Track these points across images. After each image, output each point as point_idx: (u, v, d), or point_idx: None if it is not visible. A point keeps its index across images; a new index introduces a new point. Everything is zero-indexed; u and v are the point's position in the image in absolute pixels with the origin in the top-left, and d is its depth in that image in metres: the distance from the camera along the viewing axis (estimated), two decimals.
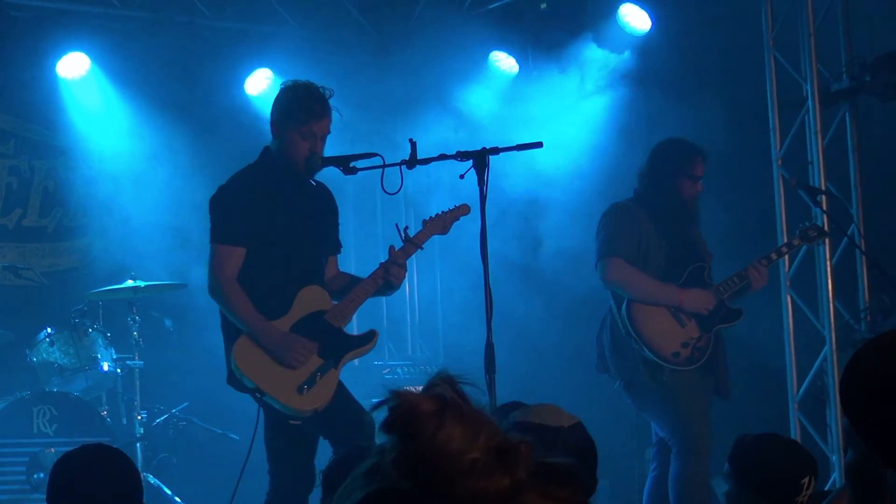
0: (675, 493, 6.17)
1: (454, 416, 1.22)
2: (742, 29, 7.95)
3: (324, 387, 5.41)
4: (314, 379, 5.39)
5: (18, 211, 8.90)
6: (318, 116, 5.40)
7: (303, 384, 5.36)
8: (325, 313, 5.50)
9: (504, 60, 9.15)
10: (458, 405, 1.24)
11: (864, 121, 7.66)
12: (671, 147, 6.45)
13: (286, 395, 5.34)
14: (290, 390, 5.35)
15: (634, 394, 6.29)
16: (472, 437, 1.22)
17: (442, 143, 6.75)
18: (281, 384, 5.34)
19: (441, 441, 1.21)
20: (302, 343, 5.38)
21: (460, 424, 1.22)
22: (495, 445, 1.22)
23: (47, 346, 7.51)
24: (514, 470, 1.22)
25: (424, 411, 1.22)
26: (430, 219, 5.78)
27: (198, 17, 8.85)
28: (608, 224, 6.38)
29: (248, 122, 8.43)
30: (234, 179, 5.52)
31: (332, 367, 5.46)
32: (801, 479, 3.65)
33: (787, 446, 3.87)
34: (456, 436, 1.21)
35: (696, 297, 6.31)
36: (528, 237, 8.68)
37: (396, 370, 8.84)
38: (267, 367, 5.34)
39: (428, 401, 1.24)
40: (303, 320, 5.45)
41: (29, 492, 7.07)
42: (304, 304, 5.49)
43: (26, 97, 8.79)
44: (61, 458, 3.50)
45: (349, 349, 5.56)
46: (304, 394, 5.36)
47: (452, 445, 1.21)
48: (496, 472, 1.21)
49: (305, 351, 5.38)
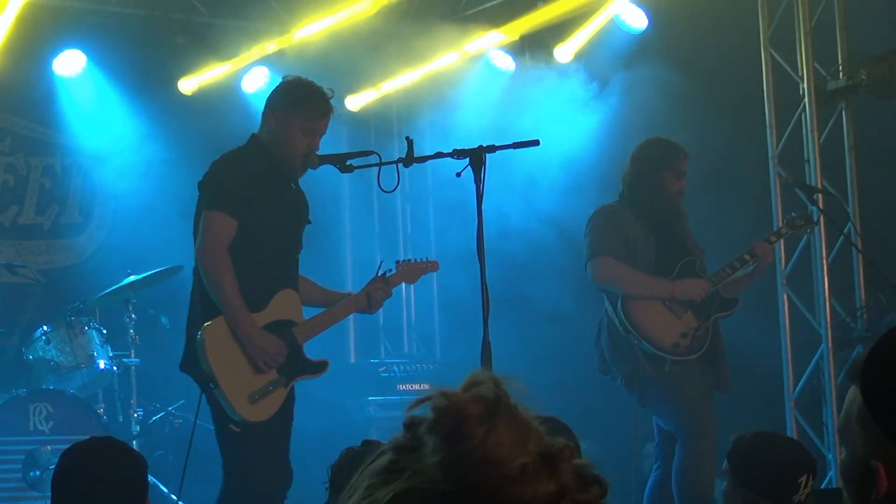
0: (680, 482, 6.15)
1: (505, 419, 1.20)
2: (738, 27, 7.95)
3: (271, 402, 5.22)
4: (266, 391, 5.20)
5: (14, 208, 8.89)
6: (323, 114, 5.35)
7: (255, 393, 5.17)
8: (294, 325, 5.34)
9: (500, 59, 9.16)
10: (509, 407, 1.21)
11: (861, 119, 7.67)
12: (653, 144, 6.50)
13: (237, 399, 5.13)
14: (242, 394, 5.15)
15: (637, 389, 6.26)
16: (521, 442, 1.19)
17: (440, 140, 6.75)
18: (237, 384, 5.14)
19: (491, 446, 1.18)
20: (278, 348, 5.22)
21: (510, 428, 1.19)
22: (542, 450, 1.20)
23: (43, 343, 7.50)
24: (559, 475, 1.20)
25: (474, 414, 1.19)
26: (403, 265, 5.78)
27: (194, 14, 8.85)
28: (595, 225, 6.41)
29: (246, 120, 8.41)
30: (227, 157, 5.38)
31: (282, 384, 5.27)
32: (799, 477, 3.66)
33: (785, 444, 3.88)
34: (506, 441, 1.19)
35: (687, 285, 6.32)
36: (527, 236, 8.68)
37: (393, 368, 8.83)
38: (231, 360, 5.14)
39: (477, 402, 1.20)
40: (273, 324, 5.28)
41: (25, 489, 7.06)
42: (279, 308, 5.32)
43: (23, 94, 8.79)
44: (68, 449, 3.47)
45: (302, 371, 5.38)
46: (254, 403, 5.17)
47: (502, 451, 1.18)
48: (543, 478, 1.19)
49: (278, 357, 5.22)
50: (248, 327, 5.16)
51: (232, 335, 5.16)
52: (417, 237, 9.88)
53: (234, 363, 5.15)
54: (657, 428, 6.45)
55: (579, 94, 8.50)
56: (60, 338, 7.51)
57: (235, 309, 5.14)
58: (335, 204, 9.64)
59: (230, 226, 5.17)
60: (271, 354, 5.20)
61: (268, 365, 5.20)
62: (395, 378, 8.75)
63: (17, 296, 8.38)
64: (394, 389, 8.67)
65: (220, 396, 5.13)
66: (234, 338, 5.16)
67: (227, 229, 5.17)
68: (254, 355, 5.17)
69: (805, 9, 7.57)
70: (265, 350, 5.18)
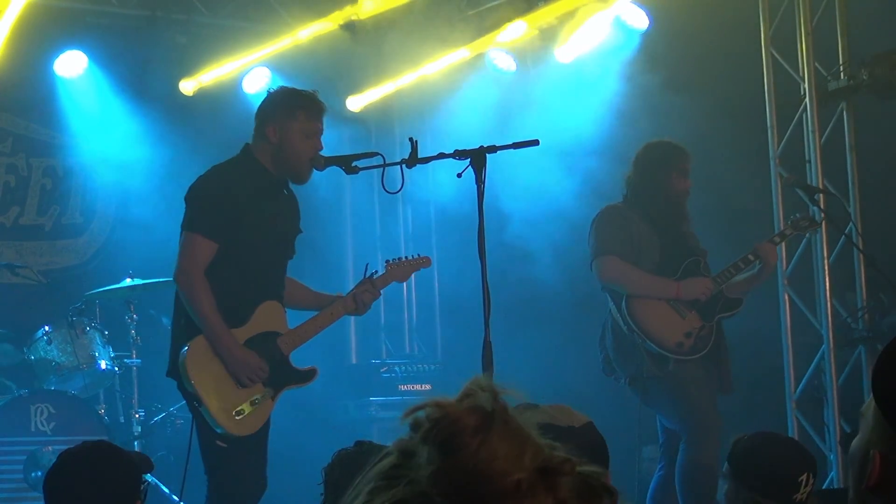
0: (684, 480, 6.14)
1: (499, 432, 1.16)
2: (739, 27, 7.95)
3: (257, 415, 5.23)
4: (252, 404, 5.21)
5: (16, 209, 8.90)
6: (320, 114, 5.38)
7: (241, 407, 5.18)
8: (278, 336, 5.35)
9: (501, 59, 9.16)
10: (504, 420, 1.17)
11: (862, 119, 7.67)
12: (657, 146, 6.52)
13: (222, 415, 5.13)
14: (227, 410, 5.15)
15: (640, 388, 6.26)
16: (517, 456, 1.15)
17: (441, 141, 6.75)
18: (221, 400, 5.15)
19: (485, 459, 1.14)
20: (259, 363, 5.23)
21: (505, 441, 1.16)
22: (539, 464, 1.16)
23: (45, 344, 7.51)
24: (557, 490, 1.16)
25: (468, 425, 1.15)
26: (394, 263, 5.80)
27: (195, 15, 8.85)
28: (600, 225, 6.42)
29: (247, 120, 8.41)
30: (214, 173, 5.38)
31: (269, 396, 5.28)
32: (800, 475, 3.66)
33: (785, 444, 3.88)
34: (501, 454, 1.15)
35: (692, 285, 6.33)
36: (527, 235, 8.68)
37: (394, 368, 8.84)
38: (214, 377, 5.15)
39: (472, 413, 1.16)
40: (257, 337, 5.28)
41: (26, 490, 7.06)
42: (262, 320, 5.31)
43: (24, 95, 8.79)
44: (60, 455, 3.49)
45: (289, 382, 5.38)
46: (239, 418, 5.18)
47: (496, 465, 1.14)
48: (539, 493, 1.15)
49: (261, 372, 5.23)
50: (229, 345, 5.17)
51: (214, 353, 5.18)
52: (419, 238, 9.88)
53: (218, 380, 5.17)
54: (661, 428, 6.45)
55: (580, 95, 8.50)
56: (62, 338, 7.51)
57: (214, 327, 5.15)
58: (336, 205, 9.65)
59: (208, 248, 5.19)
60: (254, 369, 5.21)
61: (251, 380, 5.21)
62: (396, 378, 8.75)
63: (18, 296, 8.39)
64: (395, 390, 8.68)
65: (206, 413, 5.15)
66: (216, 355, 5.18)
67: (204, 252, 5.19)
68: (237, 372, 5.18)
69: (806, 9, 7.57)
70: (248, 365, 5.20)
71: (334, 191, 9.30)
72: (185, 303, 5.22)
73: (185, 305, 5.22)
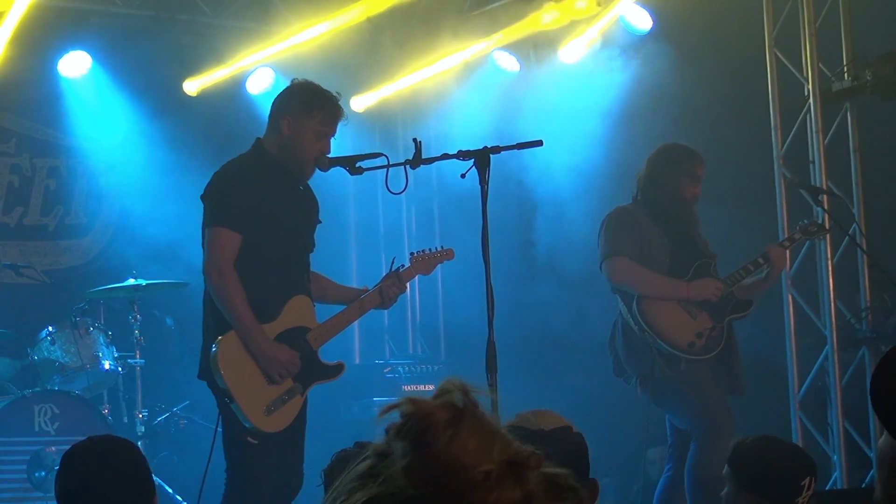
0: (694, 480, 6.12)
1: (469, 426, 1.21)
2: (743, 28, 7.95)
3: (287, 411, 5.22)
4: (282, 400, 5.19)
5: (20, 209, 8.91)
6: (337, 120, 5.35)
7: (271, 403, 5.16)
8: (307, 331, 5.33)
9: (505, 59, 9.16)
10: (474, 415, 1.22)
11: (866, 120, 7.67)
12: (671, 148, 6.49)
13: (254, 411, 5.12)
14: (258, 406, 5.14)
15: (651, 388, 6.24)
16: (485, 449, 1.21)
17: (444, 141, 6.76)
18: (252, 397, 5.13)
19: (455, 451, 1.20)
20: (290, 359, 5.21)
21: (475, 435, 1.21)
22: (508, 457, 1.22)
23: (49, 344, 7.51)
24: (525, 482, 1.21)
25: (439, 420, 1.21)
26: (418, 256, 5.80)
27: (199, 15, 8.86)
28: (609, 226, 6.40)
29: (250, 121, 8.43)
30: (229, 167, 5.36)
31: (299, 392, 5.26)
32: (802, 479, 3.66)
33: (785, 448, 3.88)
34: (470, 447, 1.20)
35: (703, 285, 6.32)
36: (528, 235, 8.68)
37: (397, 369, 8.83)
38: (245, 374, 5.13)
39: (443, 409, 1.22)
40: (287, 333, 5.26)
41: (30, 490, 7.06)
42: (292, 315, 5.29)
43: (28, 95, 8.80)
44: (69, 451, 3.45)
45: (318, 377, 5.37)
46: (270, 414, 5.16)
47: (466, 457, 1.20)
48: (508, 485, 1.20)
49: (292, 367, 5.21)
50: (261, 341, 5.15)
51: (245, 349, 5.15)
52: (422, 238, 9.88)
53: (249, 376, 5.15)
54: (671, 428, 6.43)
55: (584, 96, 8.50)
56: (65, 338, 7.52)
57: (246, 323, 5.13)
58: (341, 205, 9.65)
59: (234, 240, 5.16)
60: (285, 365, 5.19)
61: (282, 376, 5.20)
62: (399, 379, 8.75)
63: (21, 296, 8.40)
64: (399, 390, 8.67)
65: (237, 410, 5.13)
66: (247, 351, 5.15)
67: (230, 245, 5.16)
68: (268, 368, 5.16)
69: (810, 10, 7.57)
70: (279, 362, 5.18)
71: (338, 190, 9.30)
72: (215, 298, 5.17)
73: (215, 301, 5.18)
